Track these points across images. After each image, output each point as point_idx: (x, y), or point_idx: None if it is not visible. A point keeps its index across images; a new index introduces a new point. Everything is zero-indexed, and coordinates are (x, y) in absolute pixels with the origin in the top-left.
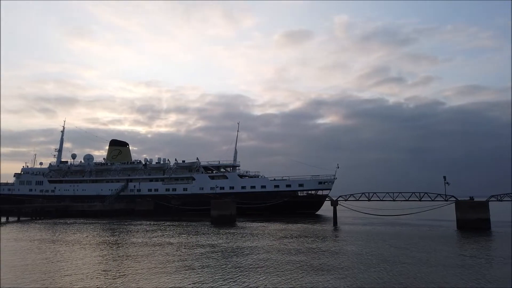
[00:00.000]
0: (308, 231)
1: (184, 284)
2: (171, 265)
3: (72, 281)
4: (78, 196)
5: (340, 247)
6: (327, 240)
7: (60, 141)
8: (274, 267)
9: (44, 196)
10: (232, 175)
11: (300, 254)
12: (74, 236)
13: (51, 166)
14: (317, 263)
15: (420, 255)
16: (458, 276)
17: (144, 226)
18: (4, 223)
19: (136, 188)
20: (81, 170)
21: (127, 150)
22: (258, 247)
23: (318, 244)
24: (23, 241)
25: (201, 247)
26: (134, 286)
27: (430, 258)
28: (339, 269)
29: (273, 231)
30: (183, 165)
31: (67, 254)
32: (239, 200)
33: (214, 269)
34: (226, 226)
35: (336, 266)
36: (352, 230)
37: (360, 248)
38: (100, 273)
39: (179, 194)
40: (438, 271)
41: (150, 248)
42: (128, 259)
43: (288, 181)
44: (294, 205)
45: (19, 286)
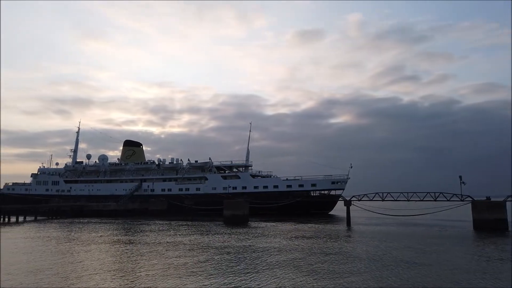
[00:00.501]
0: (321, 231)
1: (198, 284)
2: (184, 265)
3: (87, 280)
4: (93, 196)
5: (354, 248)
6: (340, 240)
7: (76, 142)
8: (287, 267)
9: (60, 196)
10: (245, 175)
11: (314, 254)
12: (89, 235)
13: (67, 166)
14: (330, 264)
15: (435, 256)
16: (474, 278)
17: (158, 226)
18: (21, 222)
19: (150, 188)
20: (96, 170)
21: (141, 151)
22: (271, 247)
23: (332, 244)
24: (40, 239)
25: (214, 247)
26: (148, 285)
27: (442, 260)
28: (353, 269)
29: (286, 231)
30: (196, 165)
31: (82, 253)
32: (251, 200)
33: (227, 268)
34: (239, 226)
35: (350, 267)
36: (366, 231)
37: (374, 248)
38: (115, 272)
39: (192, 194)
40: (453, 273)
41: (163, 248)
42: (142, 258)
43: (301, 181)
44: (306, 205)
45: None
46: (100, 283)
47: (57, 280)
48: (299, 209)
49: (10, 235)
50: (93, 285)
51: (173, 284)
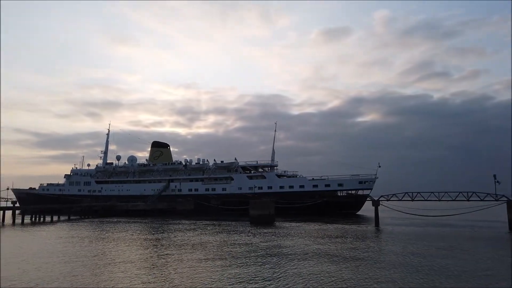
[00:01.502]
0: (349, 232)
1: (226, 283)
2: (212, 264)
3: (120, 277)
4: (122, 196)
5: (383, 248)
6: (369, 241)
7: (106, 144)
8: (315, 268)
9: (92, 196)
10: (270, 175)
11: (341, 255)
12: (120, 234)
13: (98, 167)
14: (358, 264)
15: (467, 257)
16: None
17: (185, 225)
18: (56, 221)
19: (177, 188)
20: (125, 171)
21: (168, 151)
22: (297, 247)
23: (360, 245)
24: (74, 238)
25: (241, 247)
26: (177, 282)
27: (471, 263)
28: (381, 271)
29: (312, 231)
30: (222, 165)
31: (114, 251)
32: (277, 200)
33: (254, 268)
34: (265, 225)
35: (379, 268)
36: (395, 231)
37: (403, 249)
38: (145, 270)
39: (218, 194)
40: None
41: (191, 246)
42: (170, 257)
43: (327, 180)
44: (333, 205)
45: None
46: (131, 280)
47: (90, 277)
48: (326, 209)
49: (45, 234)
50: (125, 282)
51: (202, 282)
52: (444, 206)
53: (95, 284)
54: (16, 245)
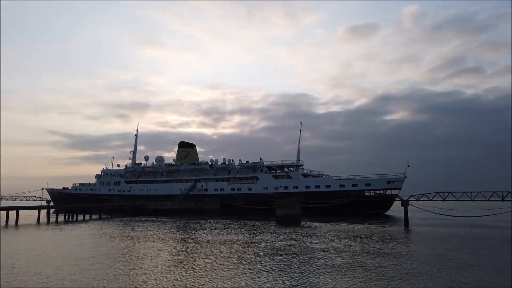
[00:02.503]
0: (377, 232)
1: (253, 282)
2: (239, 263)
3: (150, 275)
4: (151, 195)
5: (413, 249)
6: (398, 242)
7: (135, 144)
8: (342, 269)
9: (121, 196)
10: (296, 174)
11: (370, 256)
12: (149, 233)
13: (127, 167)
14: (387, 266)
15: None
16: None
17: (211, 225)
18: (88, 220)
19: (204, 187)
20: (153, 171)
21: (195, 152)
22: (324, 248)
23: (389, 246)
24: (106, 236)
25: (268, 246)
26: (202, 282)
27: None
28: (411, 273)
29: (339, 231)
30: (247, 165)
31: (144, 249)
32: (303, 199)
33: (281, 268)
34: (291, 225)
35: (408, 270)
36: (426, 232)
37: (435, 251)
38: (174, 268)
39: (244, 193)
40: None
41: (217, 246)
42: (197, 255)
43: (354, 180)
44: (361, 205)
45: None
46: (160, 279)
47: (122, 274)
48: (353, 209)
49: (79, 232)
50: (154, 280)
51: (228, 282)
52: (477, 206)
53: (126, 282)
54: (51, 243)
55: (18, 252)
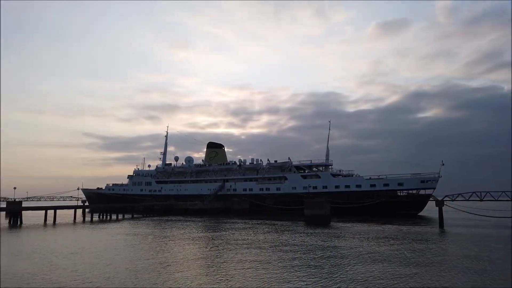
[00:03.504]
0: (410, 233)
1: (280, 283)
2: (267, 263)
3: (183, 275)
4: (181, 195)
5: (449, 251)
6: (433, 243)
7: (165, 145)
8: (372, 271)
9: (152, 196)
10: (325, 174)
11: (402, 258)
12: (180, 232)
13: (158, 168)
14: (421, 268)
15: None
16: None
17: (240, 224)
18: (121, 219)
19: (232, 187)
20: (183, 172)
21: (223, 152)
22: (354, 248)
23: (423, 247)
24: (139, 236)
25: (297, 247)
26: (232, 282)
27: None
28: (447, 275)
29: (370, 232)
30: (276, 165)
31: (176, 248)
32: (332, 199)
33: (310, 269)
34: (320, 226)
35: (444, 272)
36: (462, 233)
37: (472, 252)
38: (205, 266)
39: (272, 193)
40: None
41: (247, 246)
42: (227, 255)
43: (386, 180)
44: (393, 206)
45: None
46: (192, 277)
47: (154, 273)
48: (384, 209)
49: (113, 231)
50: (185, 279)
51: (257, 282)
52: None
53: (158, 281)
54: (87, 241)
55: (56, 250)
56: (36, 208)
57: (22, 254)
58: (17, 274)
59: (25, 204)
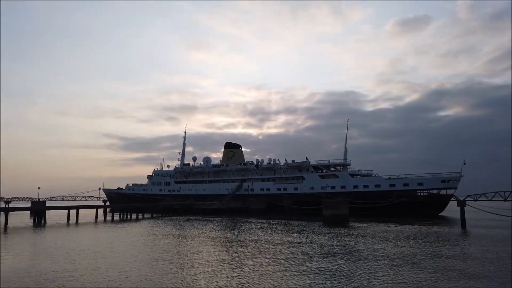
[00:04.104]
0: (432, 234)
1: (302, 283)
2: (288, 263)
3: (200, 276)
4: (199, 195)
5: (473, 253)
6: (455, 244)
7: (183, 146)
8: (394, 274)
9: (171, 195)
10: (343, 174)
11: (423, 259)
12: (198, 231)
13: (176, 168)
14: (444, 270)
15: None
16: None
17: (258, 224)
18: (141, 219)
19: (250, 187)
20: (201, 172)
21: (240, 152)
22: (374, 249)
23: (445, 249)
24: (158, 235)
25: (315, 247)
26: (250, 282)
27: None
28: (471, 278)
29: (389, 232)
30: (293, 165)
31: (195, 247)
32: (351, 199)
33: (329, 270)
34: (338, 226)
35: (468, 274)
36: (485, 234)
37: (496, 254)
38: (222, 267)
39: (290, 193)
40: None
41: (265, 246)
42: (245, 255)
43: (406, 179)
44: (412, 206)
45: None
46: (210, 277)
47: (173, 271)
48: (404, 210)
49: (133, 230)
50: (205, 279)
51: (274, 283)
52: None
53: (176, 280)
54: (108, 240)
55: (79, 248)
56: (60, 207)
57: (46, 252)
58: (41, 272)
59: (49, 204)
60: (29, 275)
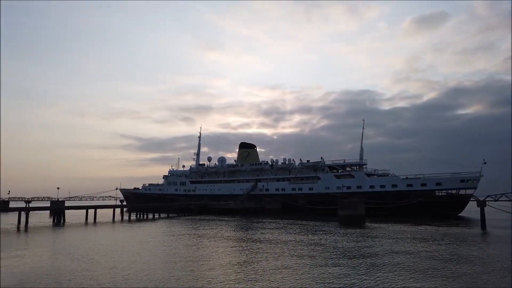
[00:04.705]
0: (450, 235)
1: (312, 285)
2: (300, 264)
3: (215, 276)
4: (214, 195)
5: (492, 254)
6: (474, 245)
7: (198, 146)
8: (412, 276)
9: (187, 195)
10: (359, 174)
11: (441, 261)
12: (214, 231)
13: (192, 168)
14: (463, 273)
15: None
16: None
17: (273, 224)
18: (157, 218)
19: (265, 187)
20: (216, 172)
21: (255, 152)
22: (390, 250)
23: (465, 250)
24: (174, 234)
25: (331, 248)
26: (266, 283)
27: None
28: (489, 281)
29: (407, 233)
30: (308, 164)
31: (210, 247)
32: (367, 199)
33: (345, 271)
34: (354, 226)
35: (486, 277)
36: (506, 235)
37: None
38: (237, 267)
39: (305, 193)
40: None
41: (280, 245)
42: (260, 255)
43: (423, 179)
44: (430, 206)
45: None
46: (225, 277)
47: (189, 271)
48: (422, 210)
49: (150, 230)
50: (220, 280)
51: (292, 282)
52: None
53: (192, 280)
54: (125, 239)
55: (97, 247)
56: (78, 207)
57: (65, 251)
58: (60, 270)
59: (68, 204)
60: (49, 274)
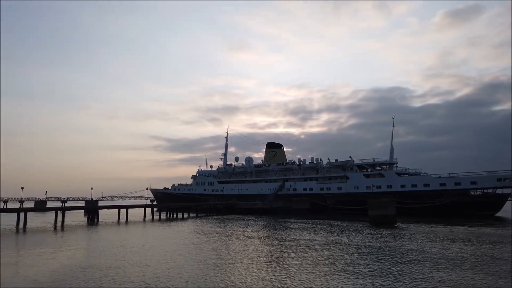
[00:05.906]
0: (484, 236)
1: (348, 285)
2: (333, 264)
3: (243, 273)
4: (242, 195)
5: None
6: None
7: (225, 146)
8: (446, 278)
9: (215, 195)
10: (389, 173)
11: (476, 263)
12: (242, 231)
13: (219, 168)
14: (499, 275)
15: None
16: None
17: (301, 224)
18: (186, 218)
19: (292, 187)
20: (243, 172)
21: (282, 152)
22: (423, 251)
23: (499, 252)
24: (204, 234)
25: (361, 248)
26: (294, 283)
27: None
28: None
29: (439, 233)
30: (336, 164)
31: (239, 246)
32: (398, 199)
33: (377, 273)
34: (385, 227)
35: None
36: None
37: None
38: (266, 267)
39: (334, 193)
40: None
41: (309, 246)
42: (289, 255)
43: (457, 178)
44: (465, 206)
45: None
46: (256, 277)
47: (218, 269)
48: (456, 210)
49: (179, 229)
50: (250, 279)
51: (321, 282)
52: None
53: (225, 279)
54: (157, 238)
55: (129, 245)
56: (111, 207)
57: (99, 249)
58: (94, 267)
59: (101, 203)
60: (83, 271)
